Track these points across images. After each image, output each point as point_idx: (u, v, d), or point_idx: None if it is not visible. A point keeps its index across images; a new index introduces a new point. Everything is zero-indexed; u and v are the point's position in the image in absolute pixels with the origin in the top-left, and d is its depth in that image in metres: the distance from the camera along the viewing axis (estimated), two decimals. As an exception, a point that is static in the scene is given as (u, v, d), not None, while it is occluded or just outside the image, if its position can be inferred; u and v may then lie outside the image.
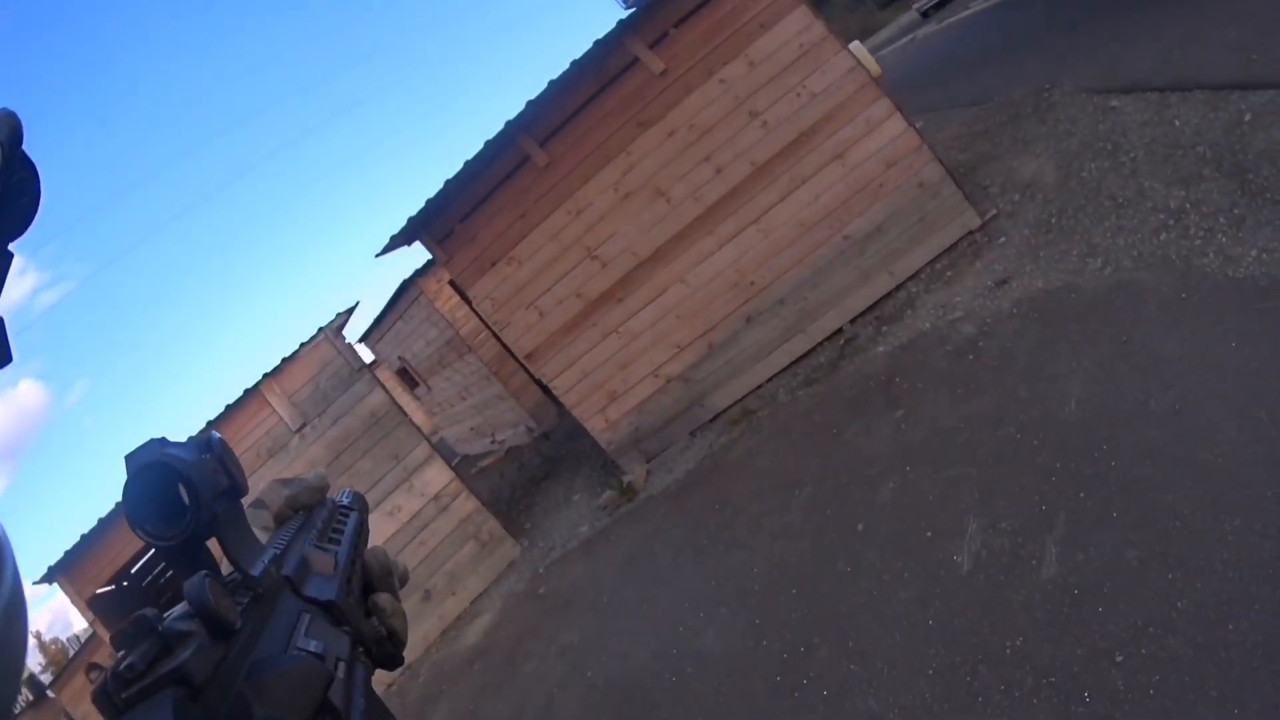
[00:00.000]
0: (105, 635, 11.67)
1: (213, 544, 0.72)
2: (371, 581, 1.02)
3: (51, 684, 21.58)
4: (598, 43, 9.87)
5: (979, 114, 13.75)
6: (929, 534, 5.77)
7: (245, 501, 0.82)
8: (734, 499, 8.54)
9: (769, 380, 10.47)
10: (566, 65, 10.01)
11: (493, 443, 19.35)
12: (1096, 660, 4.01)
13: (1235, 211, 6.68)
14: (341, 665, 0.74)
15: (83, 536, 11.34)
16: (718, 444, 10.06)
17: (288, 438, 11.64)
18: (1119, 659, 3.94)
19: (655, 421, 10.91)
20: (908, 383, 8.02)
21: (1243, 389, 4.98)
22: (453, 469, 12.08)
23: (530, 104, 10.12)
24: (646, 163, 10.24)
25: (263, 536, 0.95)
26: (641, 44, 10.01)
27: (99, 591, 11.96)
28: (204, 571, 0.62)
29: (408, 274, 18.23)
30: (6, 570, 0.50)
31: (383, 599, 1.00)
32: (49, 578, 11.52)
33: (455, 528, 11.83)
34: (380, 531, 11.47)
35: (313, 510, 1.06)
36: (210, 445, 0.73)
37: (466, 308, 17.53)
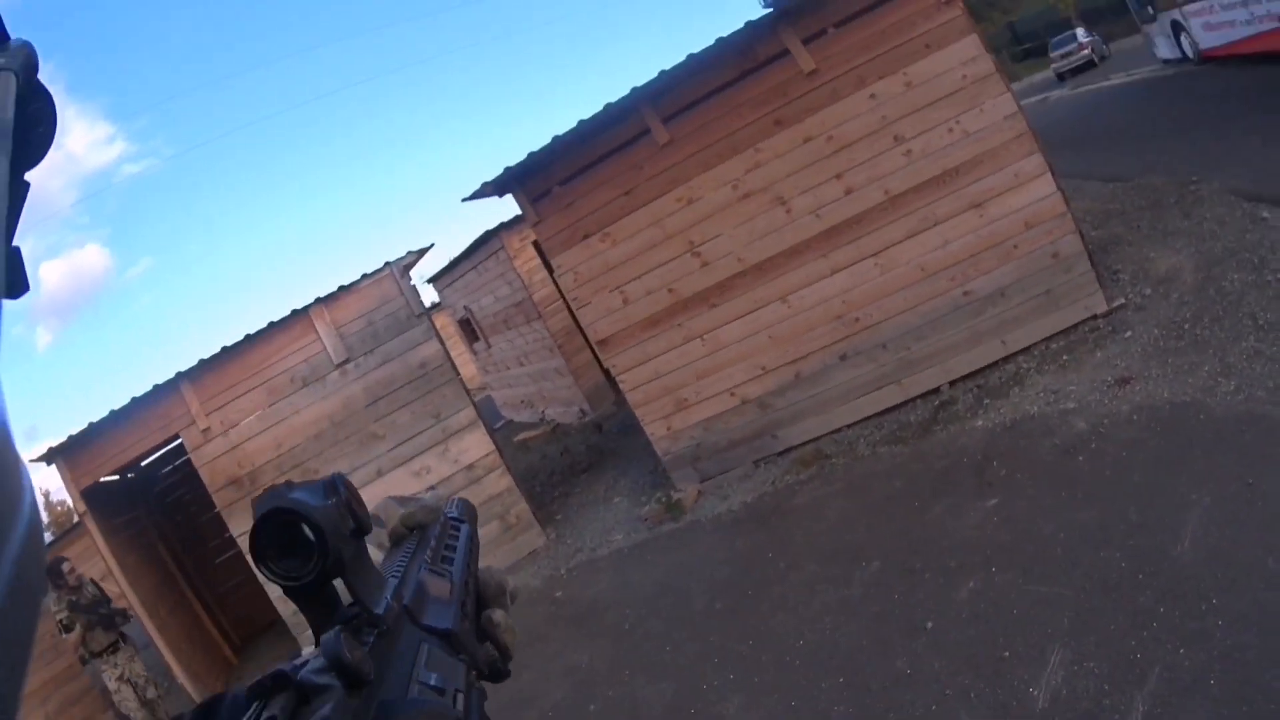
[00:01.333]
0: (93, 527, 11.94)
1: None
2: (486, 599, 1.05)
3: (53, 543, 22.29)
4: (750, 24, 9.63)
5: (1116, 192, 13.44)
6: (1006, 654, 5.48)
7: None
8: (790, 550, 8.33)
9: (850, 426, 10.24)
10: (711, 41, 9.76)
11: (541, 419, 19.25)
12: None
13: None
14: (460, 697, 0.77)
15: (91, 424, 11.54)
16: (782, 482, 9.86)
17: (327, 369, 11.65)
18: None
19: (720, 441, 10.72)
20: (1005, 469, 7.73)
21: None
22: (494, 440, 12.01)
23: (662, 74, 9.92)
24: (774, 165, 9.99)
25: (378, 554, 0.97)
26: (795, 37, 9.74)
27: (102, 479, 12.28)
28: (337, 627, 0.68)
29: (492, 225, 18.18)
30: (25, 503, 0.47)
31: (498, 615, 1.03)
32: (49, 458, 11.71)
33: (483, 503, 11.66)
34: (402, 488, 11.28)
35: (426, 528, 1.08)
36: (335, 488, 0.75)
37: (545, 273, 17.44)
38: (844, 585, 7.23)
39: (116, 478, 13.30)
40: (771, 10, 9.72)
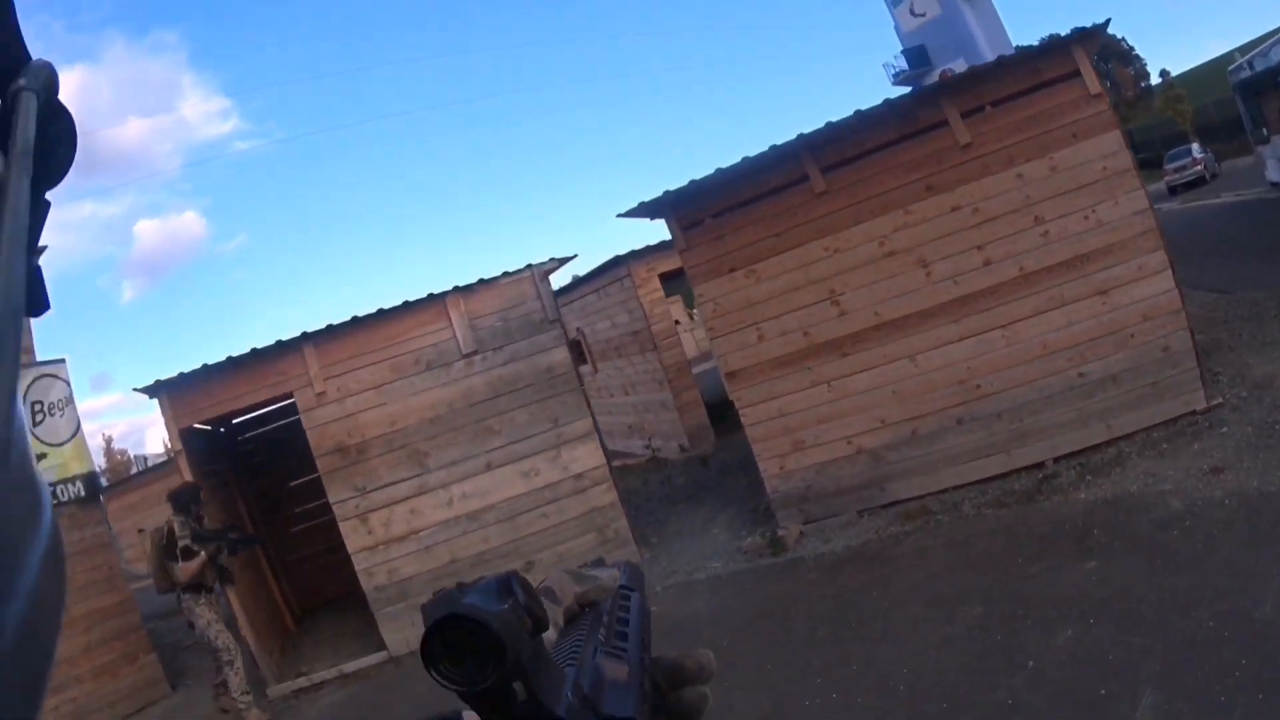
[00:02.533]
0: (185, 467, 12.15)
1: None
2: (683, 677, 1.00)
3: (105, 489, 22.01)
4: (915, 92, 10.34)
5: (1220, 302, 14.13)
6: (1102, 692, 6.13)
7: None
8: (894, 591, 8.90)
9: (957, 488, 10.82)
10: (877, 101, 10.57)
11: (646, 447, 19.63)
12: None
13: None
14: None
15: (205, 366, 12.08)
16: (886, 531, 10.44)
17: (454, 358, 12.20)
18: None
19: (829, 487, 11.33)
20: (1105, 537, 8.39)
21: None
22: (605, 454, 12.56)
23: (829, 125, 10.69)
24: (920, 228, 10.72)
25: (550, 634, 0.92)
26: (956, 110, 10.53)
27: (196, 425, 12.75)
28: None
29: (619, 252, 18.57)
30: (45, 518, 0.49)
31: (694, 694, 0.99)
32: (154, 391, 12.20)
33: (584, 513, 12.24)
34: (509, 486, 12.09)
35: (599, 603, 1.04)
36: (509, 588, 0.74)
37: (665, 304, 17.89)
38: (947, 624, 7.83)
39: (209, 428, 13.84)
40: (936, 82, 10.45)
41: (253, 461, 16.29)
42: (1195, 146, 43.13)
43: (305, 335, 12.09)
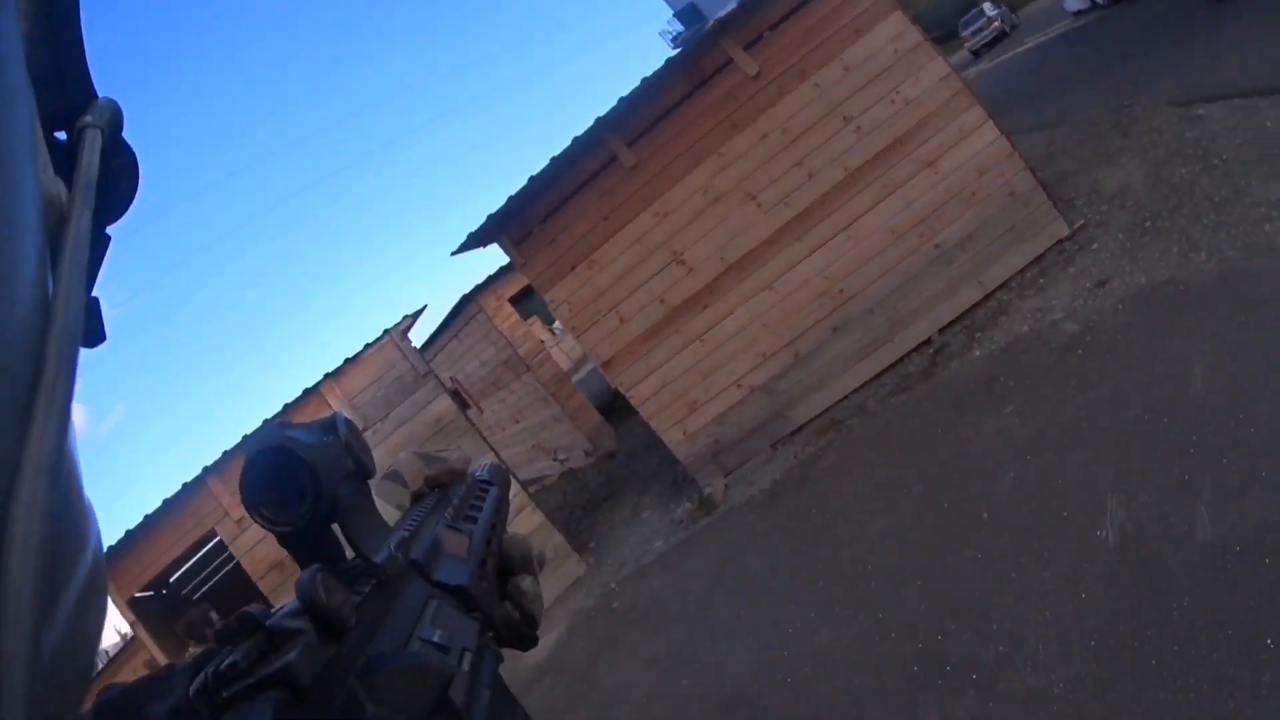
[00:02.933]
0: (145, 637, 11.90)
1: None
2: (512, 566, 1.00)
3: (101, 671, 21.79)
4: (692, 42, 10.10)
5: (1054, 135, 14.06)
6: (1064, 514, 5.89)
7: (377, 478, 0.85)
8: (832, 503, 8.62)
9: (856, 390, 10.62)
10: (660, 64, 10.26)
11: (554, 459, 19.43)
12: (1274, 607, 4.15)
13: (1341, 200, 6.89)
14: (467, 656, 0.73)
15: (127, 532, 11.56)
16: (804, 454, 10.17)
17: None
18: (1298, 603, 4.07)
19: (735, 434, 11.05)
20: (1013, 381, 8.18)
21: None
22: (518, 481, 12.16)
23: (621, 101, 10.37)
24: (738, 165, 10.47)
25: (395, 514, 0.95)
26: (736, 45, 10.28)
27: (138, 595, 12.23)
28: (315, 565, 0.61)
29: (469, 287, 18.38)
30: (90, 546, 0.49)
31: (525, 582, 0.99)
32: None
33: None
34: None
35: (450, 487, 1.05)
36: (334, 427, 0.72)
37: (525, 326, 17.70)
38: (893, 511, 7.59)
39: (152, 593, 13.29)
40: (711, 26, 10.23)
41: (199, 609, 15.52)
42: (987, 6, 43.51)
43: (206, 470, 11.63)
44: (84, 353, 0.58)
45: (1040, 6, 34.28)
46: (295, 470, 0.65)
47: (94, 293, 0.64)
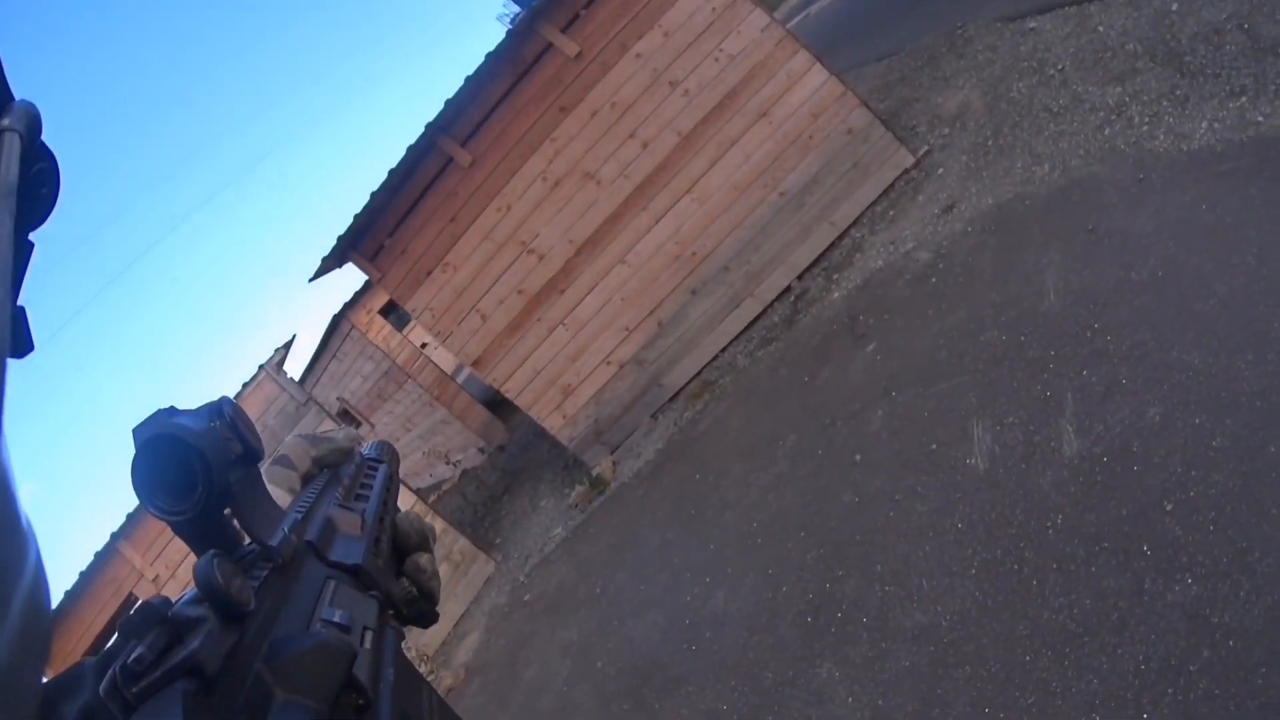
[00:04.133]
0: None
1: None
2: (408, 544, 1.00)
3: None
4: (510, 34, 9.87)
5: (892, 64, 13.90)
6: (933, 447, 5.79)
7: (266, 462, 0.82)
8: (713, 465, 8.52)
9: (724, 349, 10.50)
10: (480, 59, 9.96)
11: (448, 464, 19.27)
12: (1146, 514, 4.04)
13: (1177, 94, 6.84)
14: (369, 635, 0.72)
15: (51, 613, 11.10)
16: (683, 420, 10.05)
17: None
18: (1168, 507, 3.97)
19: (614, 410, 10.89)
20: (872, 318, 8.06)
21: (1222, 243, 5.12)
22: (413, 491, 11.90)
23: (448, 103, 10.07)
24: (572, 147, 10.23)
25: (287, 498, 0.94)
26: (553, 29, 9.97)
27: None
28: (212, 551, 0.58)
29: (338, 306, 18.31)
30: (30, 561, 0.48)
31: (422, 559, 0.98)
32: None
33: None
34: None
35: (339, 468, 1.05)
36: (221, 411, 0.69)
37: (399, 336, 17.47)
38: (771, 465, 7.48)
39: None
40: (525, 14, 10.02)
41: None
42: None
43: (114, 535, 11.34)
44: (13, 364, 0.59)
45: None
46: (185, 457, 0.63)
47: (20, 301, 0.64)
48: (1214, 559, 3.63)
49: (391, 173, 10.29)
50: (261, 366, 11.73)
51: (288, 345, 12.24)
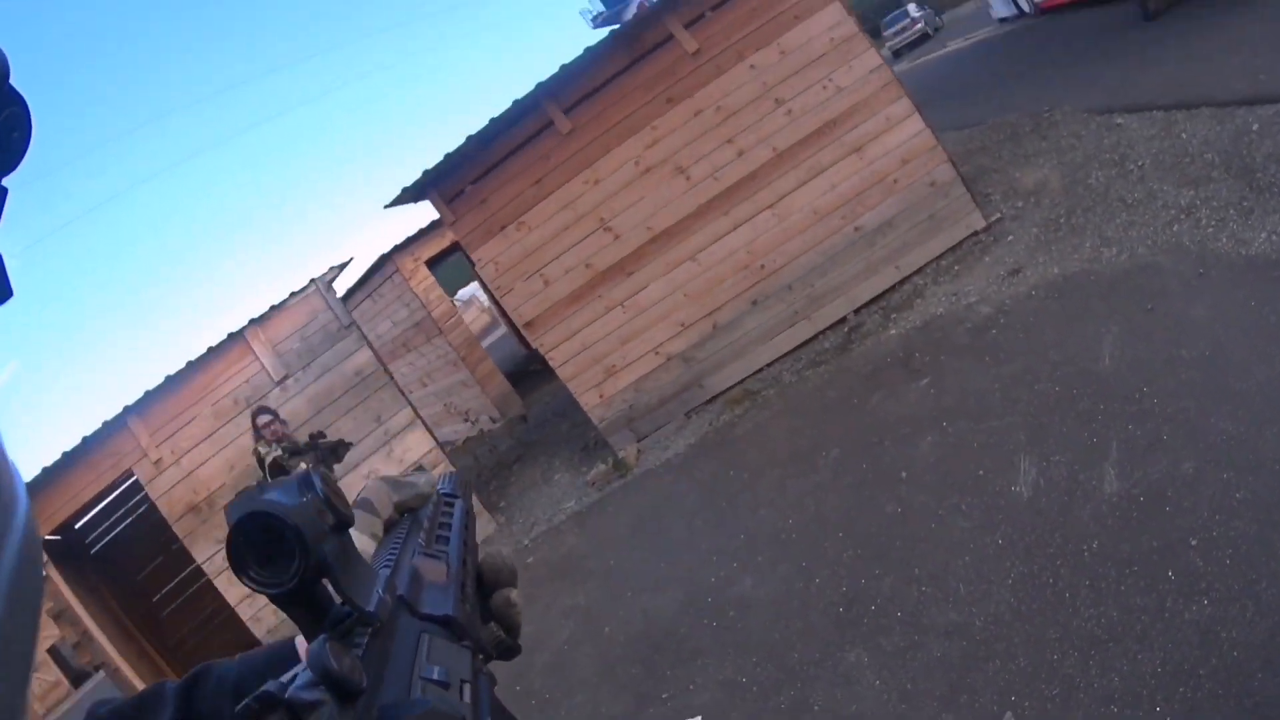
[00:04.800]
0: (58, 579, 11.71)
1: None
2: (496, 581, 1.07)
3: None
4: (636, 16, 10.47)
5: (974, 134, 14.65)
6: (980, 473, 6.39)
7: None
8: (749, 466, 9.02)
9: (772, 363, 11.06)
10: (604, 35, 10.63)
11: (465, 420, 19.50)
12: (1173, 548, 4.73)
13: (1244, 204, 7.58)
14: (466, 687, 0.75)
15: (44, 469, 11.48)
16: (719, 422, 10.57)
17: (269, 387, 11.85)
18: (1193, 543, 4.67)
19: (651, 400, 11.44)
20: (928, 356, 8.68)
21: (1266, 337, 5.86)
22: (434, 436, 12.39)
23: (562, 68, 10.69)
24: (670, 139, 10.85)
25: (368, 541, 0.96)
26: (678, 22, 10.66)
27: (48, 537, 12.20)
28: (323, 635, 0.62)
29: (388, 246, 18.37)
30: (19, 512, 0.48)
31: (512, 594, 1.06)
32: None
33: None
34: (354, 491, 11.73)
35: (418, 510, 1.07)
36: (310, 484, 0.73)
37: (440, 290, 17.81)
38: (811, 474, 7.99)
39: (59, 538, 13.04)
40: (655, 2, 10.66)
41: (109, 560, 15.09)
42: (912, 7, 43.38)
43: (127, 409, 11.56)
44: None
45: (967, 10, 34.76)
46: (281, 533, 0.67)
47: None
48: (1228, 586, 4.33)
49: (492, 121, 10.86)
50: (313, 280, 12.14)
51: (342, 266, 12.65)
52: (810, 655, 5.83)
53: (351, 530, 0.84)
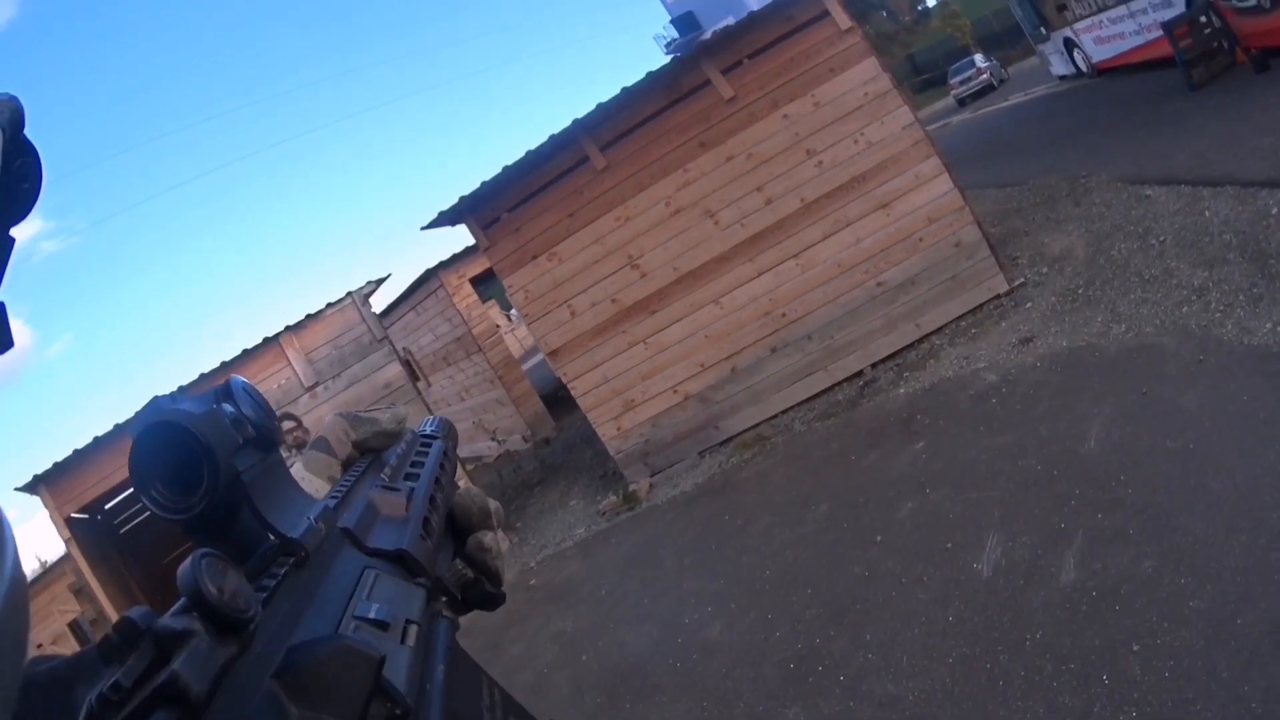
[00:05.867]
0: (78, 555, 11.99)
1: None
2: (468, 523, 0.95)
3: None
4: (676, 60, 10.39)
5: (1013, 194, 14.41)
6: (949, 545, 6.23)
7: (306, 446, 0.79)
8: (745, 511, 8.95)
9: (785, 411, 10.92)
10: (641, 75, 10.55)
11: (493, 439, 19.51)
12: (1114, 649, 4.49)
13: (1254, 290, 7.30)
14: (413, 629, 0.65)
15: (75, 451, 11.64)
16: (729, 464, 10.48)
17: (298, 393, 11.96)
18: (1135, 648, 4.41)
19: (667, 436, 11.32)
20: (929, 420, 8.51)
21: (1252, 435, 5.57)
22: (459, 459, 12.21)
23: (600, 106, 10.64)
24: (701, 183, 10.75)
25: (326, 487, 0.88)
26: (716, 68, 10.56)
27: (75, 515, 12.31)
28: (201, 550, 0.51)
29: (435, 263, 18.43)
30: (8, 552, 0.45)
31: (485, 538, 0.93)
32: (33, 487, 11.84)
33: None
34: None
35: (384, 452, 0.97)
36: (229, 393, 0.66)
37: (482, 307, 17.83)
38: (798, 525, 7.92)
39: (86, 516, 13.17)
40: (694, 48, 10.54)
41: (135, 541, 15.13)
42: (978, 57, 42.97)
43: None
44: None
45: (1030, 65, 34.48)
46: (190, 447, 0.58)
47: (0, 297, 0.62)
48: (1161, 702, 4.06)
49: (529, 153, 10.84)
50: (350, 293, 12.20)
51: (380, 281, 12.66)
52: (755, 708, 5.84)
53: (305, 472, 0.86)
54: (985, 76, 41.49)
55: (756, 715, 5.75)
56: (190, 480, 0.58)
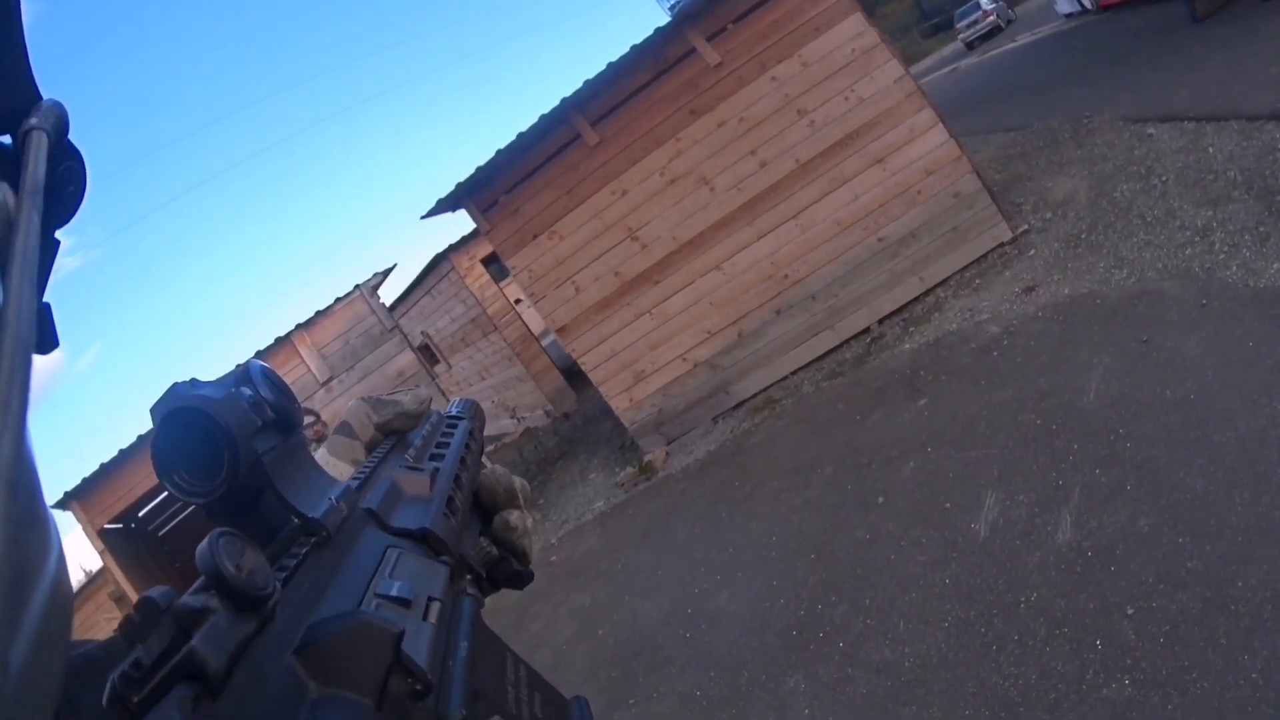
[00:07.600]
0: (114, 567, 11.99)
1: None
2: (496, 502, 0.95)
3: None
4: (659, 30, 10.14)
5: (1017, 139, 14.11)
6: (947, 505, 6.05)
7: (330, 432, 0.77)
8: (754, 477, 8.79)
9: (794, 372, 10.74)
10: (626, 49, 10.31)
11: (513, 418, 19.46)
12: (1109, 613, 4.27)
13: (1260, 229, 6.98)
14: (435, 606, 0.64)
15: (101, 465, 11.60)
16: (740, 429, 10.32)
17: (314, 388, 11.88)
18: (1130, 612, 4.20)
19: (679, 405, 11.17)
20: (932, 376, 8.30)
21: (1257, 383, 5.27)
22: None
23: (587, 83, 10.40)
24: (694, 151, 10.52)
25: (350, 471, 0.88)
26: (700, 36, 10.29)
27: (108, 526, 12.27)
28: (218, 530, 0.50)
29: (442, 248, 18.31)
30: (53, 556, 0.43)
31: (512, 516, 0.92)
32: (64, 503, 11.79)
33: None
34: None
35: (408, 433, 0.97)
36: (248, 376, 0.65)
37: (495, 287, 17.70)
38: (804, 489, 7.76)
39: (120, 525, 13.23)
40: (675, 13, 10.30)
41: (168, 547, 15.40)
42: (984, 0, 43.36)
43: None
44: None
45: (1037, 4, 34.20)
46: (210, 431, 0.57)
47: (45, 298, 0.62)
48: (1155, 669, 3.85)
49: (521, 135, 10.64)
50: (357, 286, 12.11)
51: (386, 272, 12.59)
52: (757, 676, 5.78)
53: (330, 457, 0.88)
54: (992, 19, 41.34)
55: (759, 684, 5.67)
56: (212, 464, 0.58)
